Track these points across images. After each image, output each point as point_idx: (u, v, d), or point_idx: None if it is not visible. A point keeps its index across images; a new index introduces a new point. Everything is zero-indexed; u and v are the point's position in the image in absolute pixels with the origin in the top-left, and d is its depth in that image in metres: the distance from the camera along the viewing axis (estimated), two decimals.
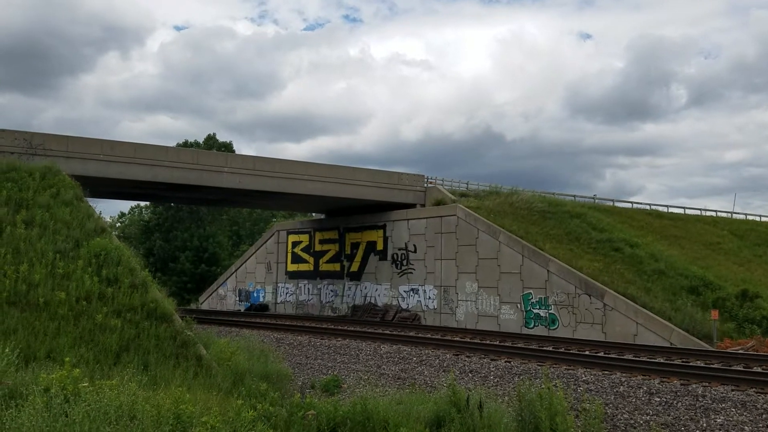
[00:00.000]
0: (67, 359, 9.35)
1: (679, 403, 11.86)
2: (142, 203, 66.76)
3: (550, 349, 19.98)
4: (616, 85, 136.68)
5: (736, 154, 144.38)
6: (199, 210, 61.76)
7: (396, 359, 18.06)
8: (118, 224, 69.52)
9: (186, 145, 61.10)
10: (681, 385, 13.01)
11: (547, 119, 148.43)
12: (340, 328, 27.64)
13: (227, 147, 62.70)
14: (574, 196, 39.55)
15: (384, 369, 17.22)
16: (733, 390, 12.29)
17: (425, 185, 35.65)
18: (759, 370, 15.19)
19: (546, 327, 27.13)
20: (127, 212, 71.83)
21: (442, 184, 36.54)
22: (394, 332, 26.09)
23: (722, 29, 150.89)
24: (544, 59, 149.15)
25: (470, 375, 15.25)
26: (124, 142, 28.25)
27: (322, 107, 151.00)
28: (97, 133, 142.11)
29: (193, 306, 48.01)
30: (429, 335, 25.04)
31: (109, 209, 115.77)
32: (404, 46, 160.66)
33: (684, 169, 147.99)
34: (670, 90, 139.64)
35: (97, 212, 20.57)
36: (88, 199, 21.26)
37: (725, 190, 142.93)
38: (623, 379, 13.65)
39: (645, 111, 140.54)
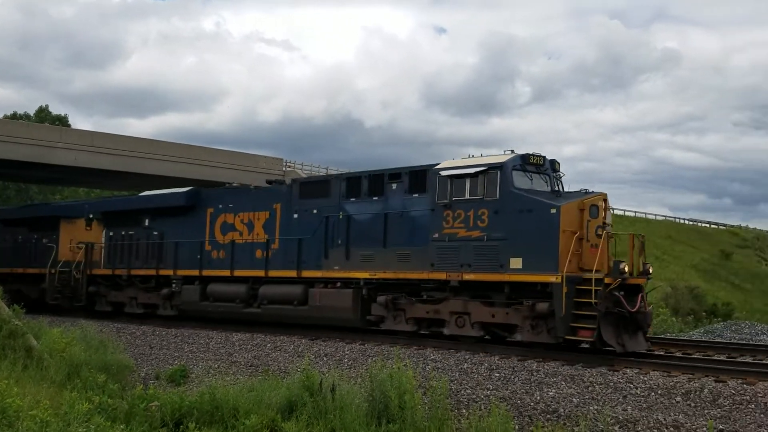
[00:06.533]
0: None
1: (516, 378, 12.67)
2: None
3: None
4: (468, 79, 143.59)
5: (573, 149, 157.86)
6: (29, 188, 56.78)
7: (249, 347, 17.63)
8: None
9: (15, 117, 55.94)
10: (518, 361, 13.90)
11: (405, 108, 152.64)
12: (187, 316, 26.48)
13: (62, 120, 58.15)
14: None
15: (236, 357, 16.76)
16: (563, 365, 13.32)
17: (284, 169, 35.29)
18: (586, 347, 16.68)
19: None
20: None
21: (301, 169, 36.39)
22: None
23: (564, 32, 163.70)
24: (403, 49, 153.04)
25: (325, 359, 15.27)
26: None
27: (171, 82, 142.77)
28: None
29: None
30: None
31: None
32: (263, 24, 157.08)
33: None
34: (515, 87, 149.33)
35: None
36: None
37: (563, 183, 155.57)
38: (467, 357, 14.33)
39: (492, 106, 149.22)
